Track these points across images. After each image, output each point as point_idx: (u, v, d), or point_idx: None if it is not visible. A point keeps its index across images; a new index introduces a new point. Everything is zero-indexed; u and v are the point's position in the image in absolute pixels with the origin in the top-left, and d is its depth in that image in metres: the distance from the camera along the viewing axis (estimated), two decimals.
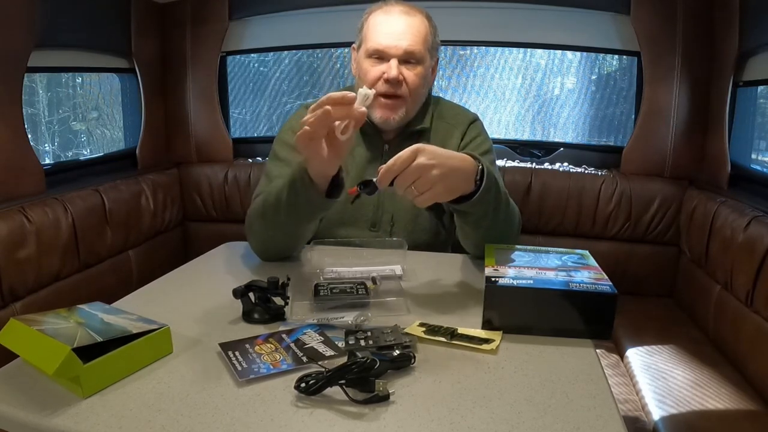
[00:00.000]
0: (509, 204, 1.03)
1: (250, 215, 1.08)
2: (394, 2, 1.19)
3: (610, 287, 0.76)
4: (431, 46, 1.18)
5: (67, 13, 1.68)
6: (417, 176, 0.80)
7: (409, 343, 0.70)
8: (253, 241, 1.09)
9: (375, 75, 1.14)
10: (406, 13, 1.15)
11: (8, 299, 1.33)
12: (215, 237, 1.47)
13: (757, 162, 1.80)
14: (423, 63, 1.16)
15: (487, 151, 1.24)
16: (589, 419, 0.58)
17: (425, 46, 1.16)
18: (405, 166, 0.80)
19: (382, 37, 1.14)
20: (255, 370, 0.65)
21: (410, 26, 1.14)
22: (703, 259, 1.60)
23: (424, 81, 1.18)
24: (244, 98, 2.40)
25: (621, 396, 1.30)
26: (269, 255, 1.09)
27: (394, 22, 1.14)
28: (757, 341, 1.27)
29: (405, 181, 0.81)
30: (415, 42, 1.14)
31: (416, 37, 1.14)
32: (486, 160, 1.20)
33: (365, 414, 0.58)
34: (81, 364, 0.59)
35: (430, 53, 1.18)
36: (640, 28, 1.84)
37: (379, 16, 1.16)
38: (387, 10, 1.17)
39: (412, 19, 1.15)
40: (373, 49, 1.14)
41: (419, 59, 1.15)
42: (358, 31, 1.21)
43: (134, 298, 0.90)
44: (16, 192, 1.48)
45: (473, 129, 1.27)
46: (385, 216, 1.21)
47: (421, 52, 1.15)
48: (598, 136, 2.18)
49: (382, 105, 1.16)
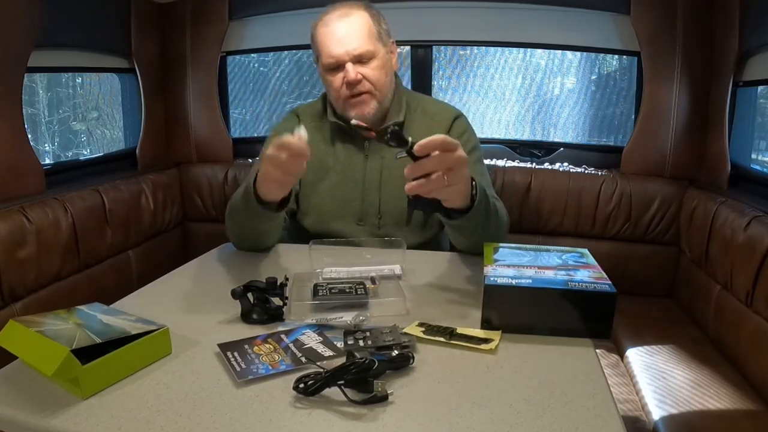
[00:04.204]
0: (498, 212, 1.05)
1: (226, 211, 1.15)
2: (330, 9, 1.21)
3: (610, 286, 0.76)
4: (379, 36, 1.20)
5: (67, 13, 1.68)
6: (455, 165, 0.80)
7: (407, 343, 0.70)
8: (228, 233, 1.18)
9: (338, 84, 1.18)
10: (344, 16, 1.18)
11: (8, 299, 1.33)
12: (215, 237, 1.46)
13: (757, 162, 1.80)
14: (377, 56, 1.19)
15: (474, 148, 1.25)
16: (588, 419, 0.58)
17: (372, 40, 1.18)
18: (452, 149, 0.79)
19: (330, 49, 1.17)
20: (254, 371, 0.65)
21: (350, 28, 1.17)
22: (703, 259, 1.60)
23: (385, 70, 1.21)
24: (244, 98, 2.40)
25: (621, 396, 1.30)
26: (242, 247, 1.18)
27: (335, 31, 1.17)
28: (757, 341, 1.26)
29: (445, 163, 0.79)
30: (360, 43, 1.16)
31: (360, 37, 1.17)
32: (473, 157, 1.23)
33: (364, 414, 0.58)
34: (80, 366, 0.59)
35: (381, 42, 1.20)
36: (640, 28, 1.84)
37: (321, 29, 1.20)
38: (325, 22, 1.20)
39: (350, 20, 1.17)
40: (327, 64, 1.19)
41: (371, 54, 1.18)
42: (312, 48, 1.25)
43: (134, 299, 0.90)
44: (16, 192, 1.48)
45: (458, 125, 1.28)
46: (371, 210, 1.23)
47: (369, 48, 1.17)
48: (598, 136, 2.18)
49: (353, 104, 1.19)
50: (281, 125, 1.31)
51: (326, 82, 1.22)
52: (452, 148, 0.79)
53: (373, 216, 1.23)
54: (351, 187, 1.23)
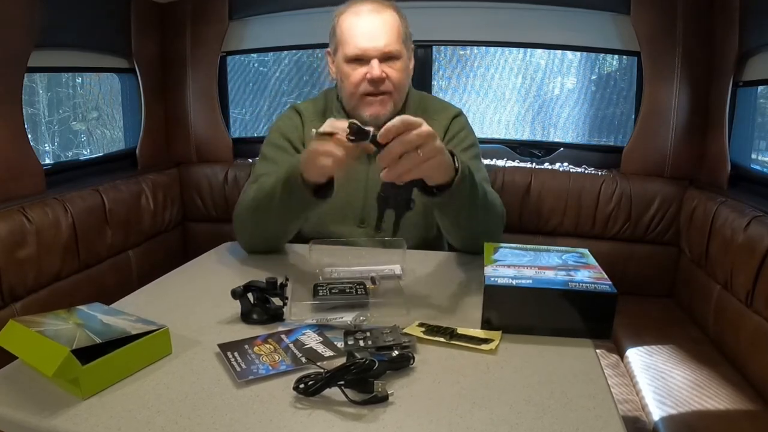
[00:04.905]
0: (487, 196, 1.03)
1: (240, 209, 1.10)
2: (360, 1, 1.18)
3: (610, 287, 0.76)
4: (405, 38, 1.19)
5: (67, 13, 1.68)
6: (422, 141, 0.79)
7: (408, 343, 0.70)
8: (241, 233, 1.13)
9: (357, 78, 1.15)
10: (376, 11, 1.15)
11: (8, 299, 1.33)
12: (215, 237, 1.46)
13: (757, 162, 1.80)
14: (402, 58, 1.17)
15: (471, 145, 1.25)
16: (588, 419, 0.58)
17: (401, 41, 1.16)
18: (414, 128, 0.78)
19: (358, 40, 1.13)
20: (254, 371, 0.65)
21: (384, 24, 1.14)
22: (703, 259, 1.60)
23: (405, 73, 1.19)
24: (244, 98, 2.40)
25: (621, 396, 1.30)
26: (255, 248, 1.13)
27: (366, 22, 1.14)
28: (757, 341, 1.26)
29: (411, 142, 0.78)
30: (391, 40, 1.14)
31: (391, 35, 1.14)
32: (470, 154, 1.22)
33: (364, 415, 0.58)
34: (80, 366, 0.59)
35: (405, 46, 1.19)
36: (640, 28, 1.84)
37: (350, 19, 1.16)
38: (356, 11, 1.16)
39: (383, 17, 1.15)
40: (352, 55, 1.14)
41: (398, 54, 1.16)
42: (332, 36, 1.21)
43: (134, 299, 0.90)
44: (16, 192, 1.48)
45: (456, 124, 1.27)
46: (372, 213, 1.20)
47: (399, 48, 1.15)
48: (598, 136, 2.18)
49: (370, 103, 1.17)
50: (283, 123, 1.28)
51: (343, 74, 1.17)
52: (414, 126, 0.78)
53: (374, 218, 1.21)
54: (353, 188, 1.22)
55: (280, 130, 1.25)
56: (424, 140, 0.79)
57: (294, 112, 1.30)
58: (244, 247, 1.14)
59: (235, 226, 1.13)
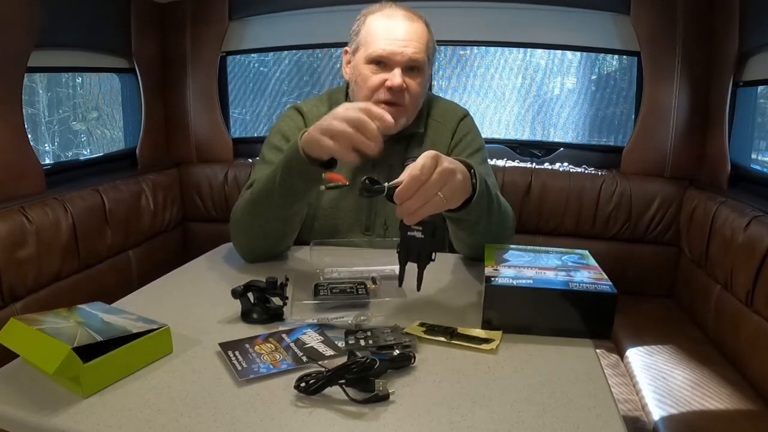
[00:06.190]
0: (501, 206, 1.00)
1: (237, 209, 1.05)
2: (393, 5, 1.14)
3: (610, 287, 0.76)
4: (431, 53, 1.16)
5: (67, 13, 1.68)
6: (444, 183, 0.74)
7: (408, 342, 0.70)
8: (239, 239, 1.06)
9: (376, 82, 1.10)
10: (409, 19, 1.12)
11: (8, 299, 1.33)
12: (215, 237, 1.46)
13: (757, 162, 1.80)
14: (424, 71, 1.13)
15: (478, 148, 1.22)
16: (588, 419, 0.58)
17: (427, 54, 1.13)
18: (430, 174, 0.73)
19: (385, 43, 1.08)
20: (255, 370, 0.65)
21: (414, 32, 1.10)
22: (703, 259, 1.60)
23: (423, 89, 1.16)
24: (244, 98, 2.40)
25: (621, 396, 1.30)
26: (255, 251, 1.06)
27: (397, 27, 1.10)
28: (757, 341, 1.27)
29: (433, 188, 0.73)
30: (419, 49, 1.10)
31: (420, 45, 1.10)
32: (478, 157, 1.18)
33: (365, 414, 0.58)
34: (81, 364, 0.59)
35: (429, 60, 1.16)
36: (640, 28, 1.84)
37: (381, 20, 1.12)
38: (389, 14, 1.12)
39: (415, 25, 1.11)
40: (376, 56, 1.09)
41: (421, 67, 1.12)
42: (354, 34, 1.16)
43: (134, 298, 0.90)
44: (16, 192, 1.48)
45: (463, 126, 1.23)
46: (378, 220, 1.18)
47: (424, 60, 1.12)
48: (598, 136, 2.18)
49: None
50: (285, 123, 1.22)
51: (361, 75, 1.12)
52: (429, 174, 0.73)
53: (380, 226, 1.18)
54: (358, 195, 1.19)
55: (281, 132, 1.20)
56: (444, 181, 0.75)
57: (296, 112, 1.24)
58: (244, 255, 1.07)
59: (233, 232, 1.07)
